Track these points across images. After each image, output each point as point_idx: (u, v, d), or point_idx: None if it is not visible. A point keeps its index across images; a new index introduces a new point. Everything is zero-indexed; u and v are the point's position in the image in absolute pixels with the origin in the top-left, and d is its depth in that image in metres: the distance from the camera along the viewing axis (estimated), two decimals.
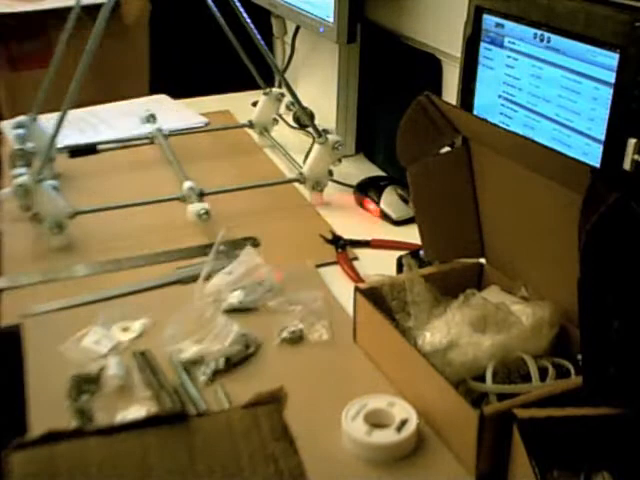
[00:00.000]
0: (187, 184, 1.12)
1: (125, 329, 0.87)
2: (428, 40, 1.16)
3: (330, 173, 1.19)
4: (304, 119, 1.24)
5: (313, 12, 1.24)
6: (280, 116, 1.44)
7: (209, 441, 0.67)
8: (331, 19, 1.17)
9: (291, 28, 1.50)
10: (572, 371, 0.72)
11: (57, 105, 1.01)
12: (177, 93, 1.70)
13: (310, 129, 1.20)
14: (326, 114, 1.38)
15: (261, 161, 1.35)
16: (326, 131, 1.17)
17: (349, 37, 1.17)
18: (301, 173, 1.18)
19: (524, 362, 0.72)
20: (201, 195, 1.11)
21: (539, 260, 0.78)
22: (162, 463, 0.64)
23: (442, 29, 1.12)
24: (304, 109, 1.24)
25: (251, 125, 1.43)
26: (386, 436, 0.69)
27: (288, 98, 1.32)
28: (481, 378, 0.72)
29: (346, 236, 1.07)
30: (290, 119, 1.45)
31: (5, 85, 1.93)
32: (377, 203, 1.14)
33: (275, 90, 1.37)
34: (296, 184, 1.21)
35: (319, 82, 1.42)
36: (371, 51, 1.29)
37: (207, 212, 1.07)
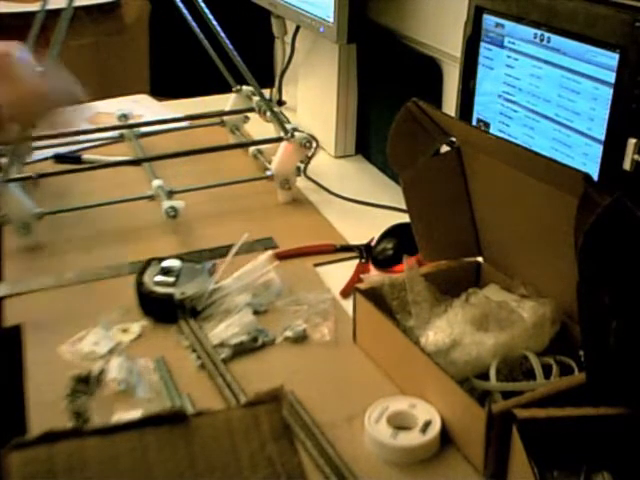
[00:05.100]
0: (156, 183, 1.12)
1: (125, 330, 0.87)
2: (428, 40, 1.16)
3: (299, 170, 1.19)
4: (272, 117, 1.24)
5: (313, 12, 1.24)
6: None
7: (209, 441, 0.67)
8: (331, 19, 1.17)
9: (291, 28, 1.50)
10: (575, 368, 0.72)
11: None
12: (177, 93, 1.70)
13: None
14: (326, 114, 1.38)
15: (234, 159, 1.33)
16: (295, 129, 1.17)
17: (349, 37, 1.17)
18: (268, 169, 1.18)
19: (526, 359, 0.73)
20: (171, 194, 1.11)
21: (536, 258, 0.78)
22: (161, 463, 0.64)
23: (442, 29, 1.12)
24: (271, 108, 1.24)
25: (222, 123, 1.42)
26: (411, 438, 0.69)
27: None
28: (484, 376, 0.72)
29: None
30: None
31: None
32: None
33: (245, 88, 1.36)
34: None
35: (319, 82, 1.42)
36: (371, 51, 1.29)
37: (176, 210, 1.07)
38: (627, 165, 0.70)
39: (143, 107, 1.57)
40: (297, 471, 0.66)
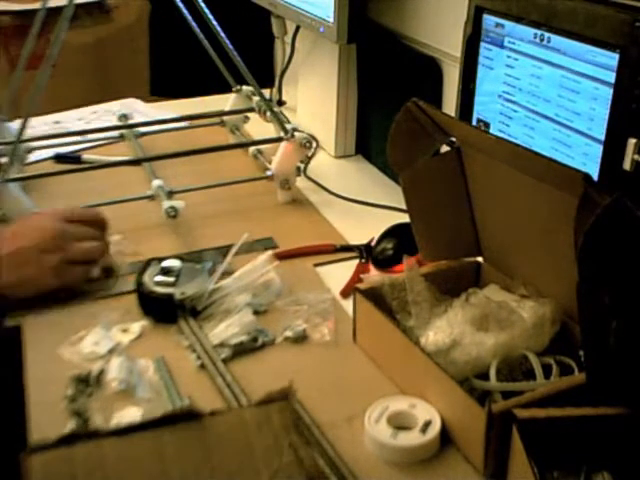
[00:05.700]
0: (156, 183, 1.12)
1: (125, 330, 0.87)
2: (428, 40, 1.16)
3: (299, 171, 1.19)
4: (272, 117, 1.24)
5: (313, 12, 1.24)
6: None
7: (223, 437, 0.68)
8: (331, 19, 1.17)
9: (291, 28, 1.50)
10: (575, 368, 0.72)
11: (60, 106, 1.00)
12: (177, 93, 1.70)
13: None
14: (326, 114, 1.38)
15: (234, 159, 1.33)
16: (295, 129, 1.17)
17: (349, 37, 1.17)
18: (268, 169, 1.18)
19: (526, 359, 0.73)
20: (171, 194, 1.11)
21: (536, 258, 0.78)
22: (178, 460, 0.65)
23: (442, 29, 1.12)
24: (271, 108, 1.24)
25: (222, 123, 1.41)
26: (411, 438, 0.69)
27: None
28: (484, 376, 0.72)
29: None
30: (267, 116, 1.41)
31: (5, 85, 1.93)
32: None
33: (245, 88, 1.36)
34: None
35: (319, 82, 1.42)
36: (371, 51, 1.29)
37: (176, 210, 1.07)
38: (627, 165, 0.70)
39: (134, 111, 1.56)
40: (312, 462, 0.66)
